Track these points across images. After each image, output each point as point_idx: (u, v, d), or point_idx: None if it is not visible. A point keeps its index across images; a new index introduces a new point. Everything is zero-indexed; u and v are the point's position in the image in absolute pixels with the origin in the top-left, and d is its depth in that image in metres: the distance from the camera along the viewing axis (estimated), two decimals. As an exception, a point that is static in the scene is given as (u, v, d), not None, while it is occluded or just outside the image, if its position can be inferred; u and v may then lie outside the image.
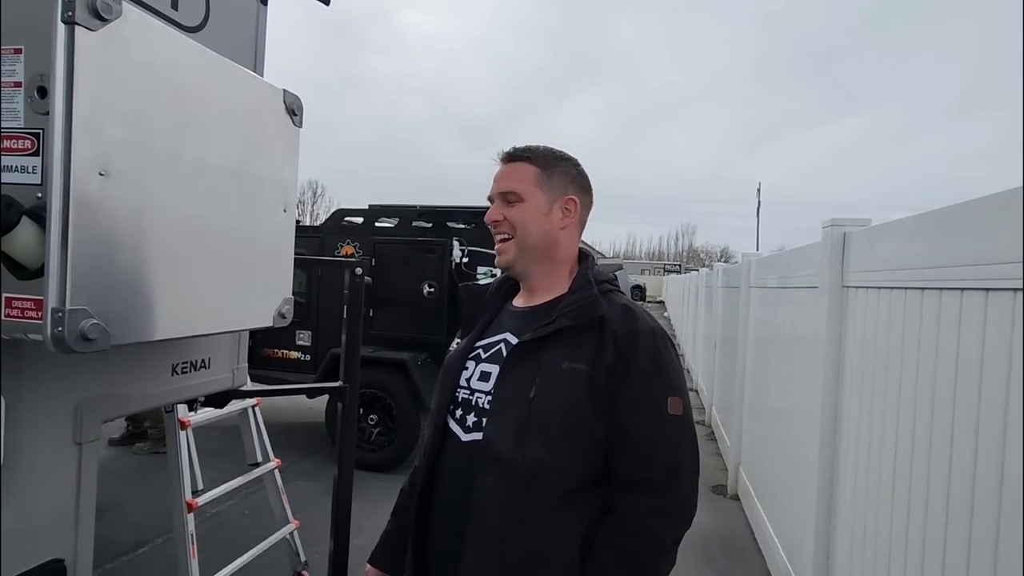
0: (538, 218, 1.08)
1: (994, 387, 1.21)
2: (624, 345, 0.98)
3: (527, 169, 1.09)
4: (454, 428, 1.06)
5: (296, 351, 4.92)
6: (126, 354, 1.25)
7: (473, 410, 1.04)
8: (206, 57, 1.15)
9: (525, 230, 1.07)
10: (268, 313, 1.41)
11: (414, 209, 5.02)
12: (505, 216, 1.08)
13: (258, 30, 1.64)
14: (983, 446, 1.24)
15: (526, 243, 1.08)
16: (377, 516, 3.60)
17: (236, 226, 1.27)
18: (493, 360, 1.07)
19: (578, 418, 0.96)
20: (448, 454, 1.05)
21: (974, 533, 1.25)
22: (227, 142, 1.22)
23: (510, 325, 1.12)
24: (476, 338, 1.15)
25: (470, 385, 1.07)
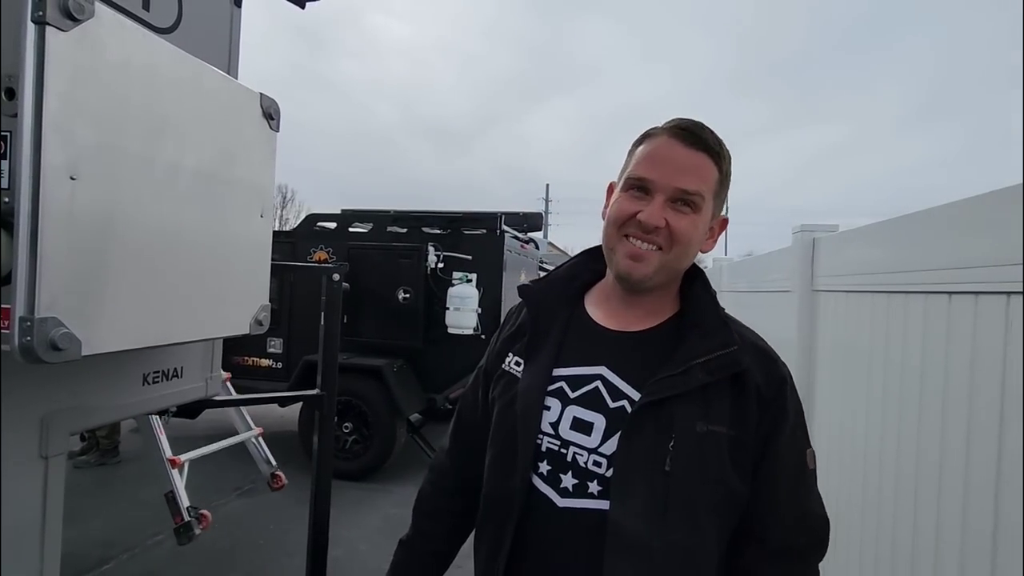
0: (701, 238, 0.85)
1: (959, 387, 1.25)
2: (769, 398, 0.80)
3: (711, 170, 0.82)
4: (543, 489, 0.83)
5: (267, 359, 4.82)
6: (94, 364, 1.21)
7: (571, 469, 0.81)
8: (180, 59, 1.13)
9: (685, 252, 0.83)
10: (244, 320, 1.39)
11: (388, 214, 4.98)
12: (670, 223, 0.80)
13: (232, 32, 1.61)
14: (949, 445, 1.28)
15: (676, 265, 0.84)
16: (353, 527, 3.59)
17: (211, 231, 1.24)
18: (591, 405, 0.83)
19: (727, 491, 0.79)
20: (538, 522, 0.83)
21: (941, 529, 1.28)
22: (202, 146, 1.19)
23: (607, 355, 0.85)
24: (551, 363, 0.87)
25: (559, 434, 0.83)
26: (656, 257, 0.81)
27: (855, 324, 1.84)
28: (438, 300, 4.45)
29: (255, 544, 3.31)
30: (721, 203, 0.87)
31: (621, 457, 0.78)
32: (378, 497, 4.09)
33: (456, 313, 4.33)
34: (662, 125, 0.86)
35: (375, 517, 3.76)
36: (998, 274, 1.14)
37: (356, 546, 3.35)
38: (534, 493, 0.83)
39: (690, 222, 0.81)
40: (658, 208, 0.80)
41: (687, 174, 0.80)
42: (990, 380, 1.13)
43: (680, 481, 0.76)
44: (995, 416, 1.11)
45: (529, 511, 0.83)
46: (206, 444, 3.27)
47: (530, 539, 0.83)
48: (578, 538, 0.79)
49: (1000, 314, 1.12)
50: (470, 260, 4.55)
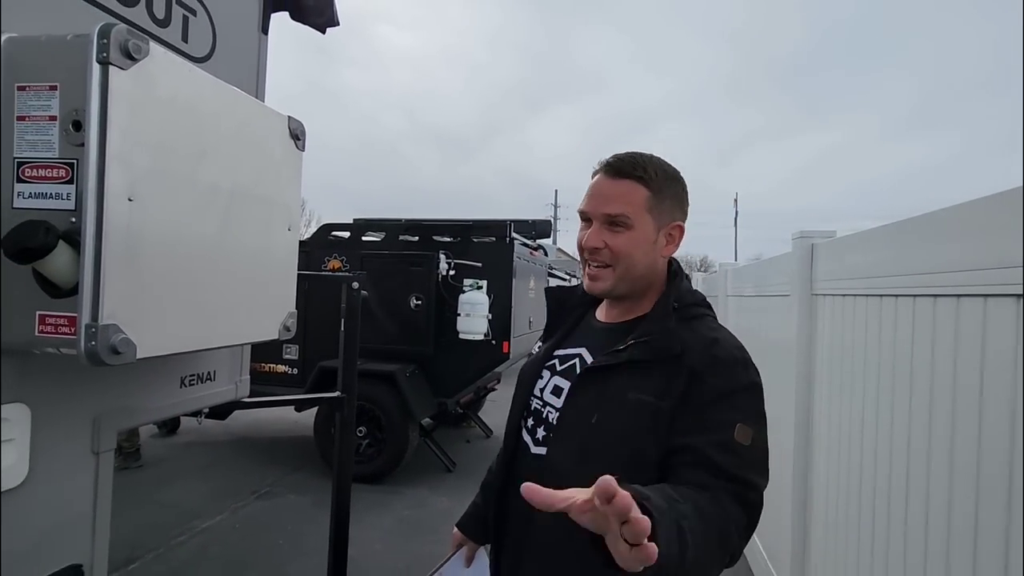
0: (645, 247, 1.00)
1: (958, 389, 1.26)
2: (701, 372, 0.90)
3: (637, 191, 0.98)
4: (525, 438, 1.08)
5: (283, 365, 4.94)
6: (140, 368, 1.31)
7: (543, 424, 1.04)
8: (219, 88, 1.24)
9: (630, 262, 0.99)
10: (274, 326, 1.49)
11: (400, 223, 5.11)
12: (607, 244, 0.98)
13: (260, 58, 1.73)
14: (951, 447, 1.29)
15: (629, 273, 1.00)
16: (367, 527, 3.69)
17: (246, 245, 1.35)
18: (566, 375, 1.06)
19: (636, 448, 0.91)
20: (520, 461, 1.08)
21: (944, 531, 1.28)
22: (238, 167, 1.30)
23: (589, 340, 1.09)
24: (555, 346, 1.14)
25: (543, 396, 1.08)
26: (608, 273, 1.01)
27: (852, 327, 1.91)
28: (449, 306, 4.56)
29: (274, 544, 3.42)
30: (667, 213, 1.02)
31: (564, 411, 1.00)
32: (391, 499, 4.18)
33: (467, 319, 4.43)
34: (603, 161, 1.03)
35: (389, 518, 3.86)
36: (994, 277, 1.13)
37: (371, 546, 3.44)
38: (520, 441, 1.09)
39: (626, 239, 0.98)
40: (595, 233, 0.99)
41: (612, 201, 0.98)
42: (990, 382, 1.13)
43: (602, 433, 0.93)
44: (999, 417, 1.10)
45: (515, 454, 1.09)
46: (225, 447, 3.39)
47: (513, 475, 1.07)
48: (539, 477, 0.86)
49: (999, 317, 1.11)
50: (480, 267, 4.66)
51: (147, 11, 1.34)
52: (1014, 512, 1.05)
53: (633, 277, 1.01)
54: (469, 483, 4.48)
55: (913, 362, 1.48)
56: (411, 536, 3.60)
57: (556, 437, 1.00)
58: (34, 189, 1.03)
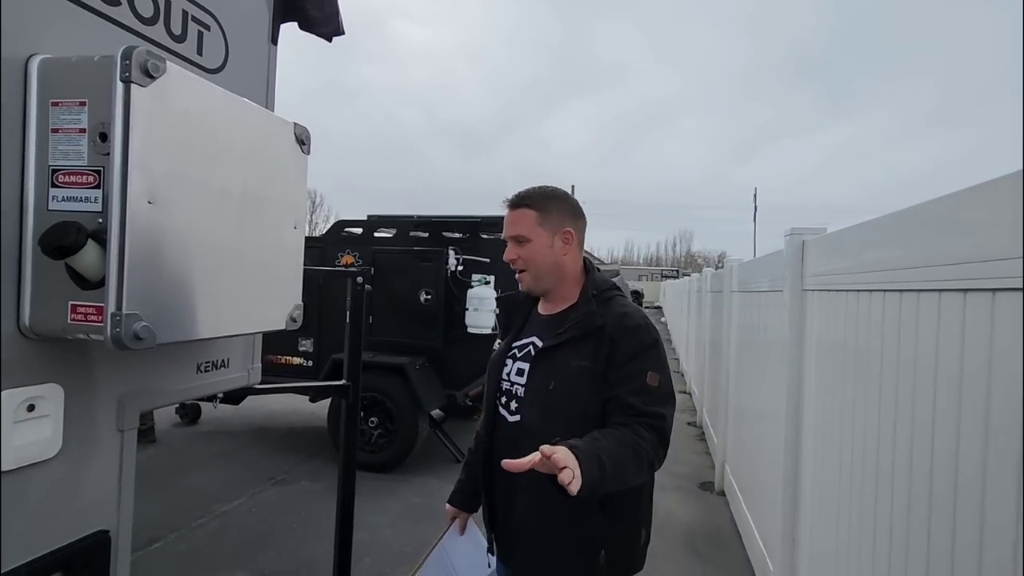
0: (544, 252, 1.37)
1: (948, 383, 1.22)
2: (616, 339, 1.28)
3: (528, 214, 1.37)
4: (502, 412, 1.41)
5: (299, 357, 5.11)
6: (160, 353, 1.45)
7: (514, 399, 1.38)
8: (230, 100, 1.36)
9: (536, 264, 1.38)
10: (281, 317, 1.61)
11: (411, 219, 5.23)
12: (519, 255, 1.38)
13: (269, 67, 1.85)
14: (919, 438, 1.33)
15: (539, 273, 1.39)
16: (378, 513, 3.84)
17: (255, 242, 1.47)
18: (525, 359, 1.40)
19: (582, 400, 1.29)
20: (500, 432, 1.40)
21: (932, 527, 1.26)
22: (248, 171, 1.42)
23: (537, 330, 1.43)
24: (513, 339, 1.47)
25: (510, 378, 1.41)
26: (526, 276, 1.40)
27: (843, 322, 1.96)
28: (458, 301, 4.67)
29: (289, 528, 3.58)
30: (556, 223, 1.38)
31: (528, 384, 1.36)
32: (400, 487, 4.32)
33: (475, 313, 4.54)
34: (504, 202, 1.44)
35: (398, 505, 4.00)
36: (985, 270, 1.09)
37: (380, 531, 3.59)
38: (498, 416, 1.42)
39: (529, 248, 1.37)
40: (510, 250, 1.40)
41: (512, 225, 1.39)
42: (980, 377, 1.11)
43: (558, 396, 1.29)
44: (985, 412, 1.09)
45: (495, 428, 1.42)
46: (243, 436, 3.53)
47: (496, 445, 1.40)
48: (517, 438, 1.32)
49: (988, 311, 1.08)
50: (488, 263, 4.76)
51: (165, 29, 1.46)
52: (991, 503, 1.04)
53: (543, 274, 1.38)
54: (477, 473, 4.60)
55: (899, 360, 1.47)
56: (419, 521, 3.73)
57: (525, 405, 1.35)
58: (66, 193, 1.16)
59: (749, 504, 3.54)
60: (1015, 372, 0.99)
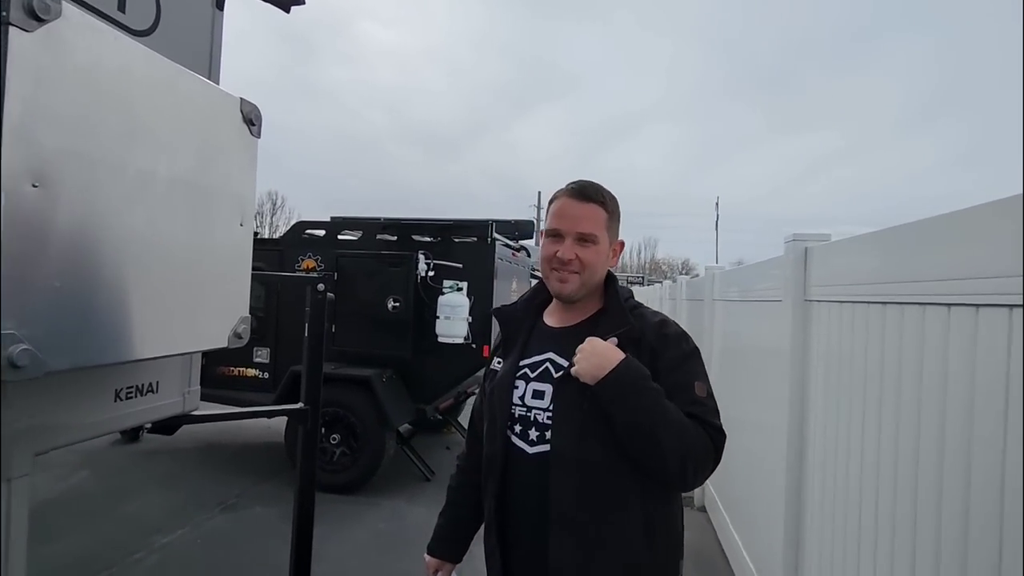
0: (603, 260, 1.22)
1: (959, 398, 1.22)
2: (658, 347, 1.15)
3: (600, 213, 1.21)
4: (518, 443, 1.19)
5: (254, 368, 4.74)
6: (62, 380, 1.15)
7: (534, 425, 1.18)
8: (155, 62, 1.08)
9: (593, 271, 1.20)
10: (222, 333, 1.33)
11: (378, 222, 4.94)
12: (579, 256, 1.19)
13: (213, 35, 1.57)
14: (949, 456, 1.25)
15: (591, 281, 1.21)
16: (340, 541, 3.52)
17: (188, 241, 1.19)
18: (542, 379, 1.20)
19: None
20: (516, 466, 1.18)
21: (943, 543, 1.25)
22: (178, 152, 1.15)
23: (553, 345, 1.23)
24: (519, 357, 1.26)
25: (525, 403, 1.20)
26: (576, 279, 1.20)
27: (851, 335, 1.81)
28: (428, 309, 4.40)
29: (238, 564, 3.22)
30: (615, 232, 1.25)
31: (556, 407, 1.15)
32: (366, 511, 4.00)
33: (446, 322, 4.28)
34: (563, 188, 1.22)
35: (363, 532, 3.68)
36: (998, 286, 1.12)
37: (344, 563, 3.27)
38: (512, 448, 1.19)
39: (592, 252, 1.19)
40: (569, 247, 1.18)
41: (583, 221, 1.19)
42: (989, 391, 1.11)
43: (594, 417, 1.10)
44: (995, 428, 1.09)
45: (509, 461, 1.19)
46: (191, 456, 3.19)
47: (511, 481, 1.18)
48: (543, 471, 1.13)
49: (1002, 326, 1.10)
50: (461, 268, 4.51)
51: (73, -27, 1.17)
52: (1008, 522, 1.03)
53: (592, 283, 1.23)
54: (447, 492, 4.32)
55: (914, 372, 1.39)
56: (386, 551, 3.43)
57: (556, 429, 1.14)
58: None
59: (735, 521, 3.39)
60: None
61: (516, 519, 1.18)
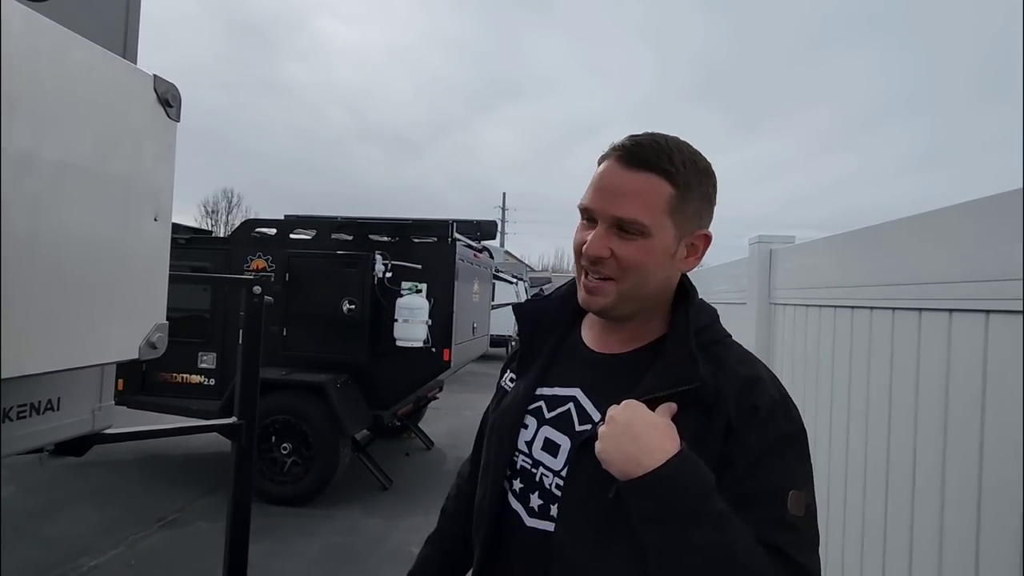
0: (661, 260, 0.78)
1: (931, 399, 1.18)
2: (741, 425, 0.72)
3: (661, 188, 0.75)
4: (515, 505, 0.84)
5: (198, 375, 4.47)
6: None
7: (538, 489, 0.82)
8: (37, 25, 0.92)
9: (643, 277, 0.77)
10: (133, 343, 1.17)
11: (334, 220, 4.73)
12: (615, 253, 0.76)
13: (129, 8, 1.39)
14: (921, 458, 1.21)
15: (637, 293, 0.79)
16: (291, 557, 3.32)
17: (86, 237, 1.03)
18: (560, 427, 0.82)
19: None
20: (510, 535, 0.84)
21: (915, 542, 1.21)
22: (71, 133, 0.98)
23: (583, 377, 0.84)
24: (537, 382, 0.87)
25: (532, 453, 0.83)
26: (611, 288, 0.78)
27: (815, 338, 1.77)
28: (386, 311, 4.23)
29: (176, 584, 2.99)
30: (693, 218, 0.79)
31: (570, 481, 0.78)
32: (318, 523, 3.81)
33: (405, 325, 4.12)
34: (616, 143, 0.80)
35: (314, 547, 3.49)
36: (964, 291, 1.09)
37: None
38: (507, 509, 0.85)
39: (638, 248, 0.76)
40: (600, 238, 0.77)
41: (625, 200, 0.75)
42: (962, 391, 1.09)
43: (624, 512, 0.69)
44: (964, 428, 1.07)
45: (502, 525, 0.85)
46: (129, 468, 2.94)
47: (500, 552, 0.84)
48: (539, 559, 0.78)
49: (975, 330, 1.06)
50: (420, 269, 4.35)
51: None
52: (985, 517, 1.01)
53: (642, 296, 0.79)
54: (407, 502, 4.16)
55: (884, 375, 1.35)
56: (338, 566, 3.26)
57: (564, 513, 0.77)
58: None
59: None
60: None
61: None
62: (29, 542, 3.34)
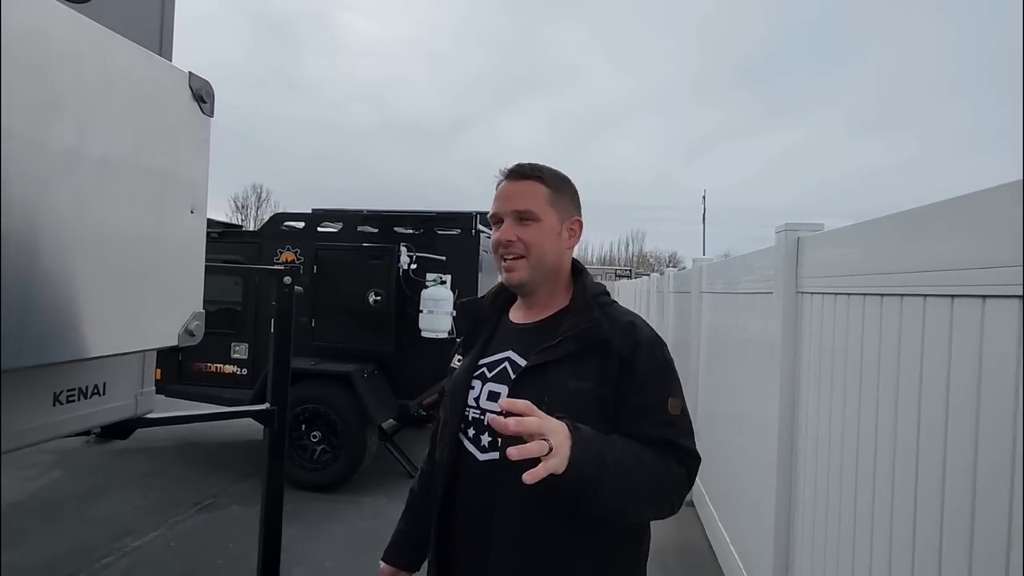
0: (552, 238, 1.10)
1: (962, 391, 1.16)
2: (628, 357, 1.02)
3: (539, 189, 1.10)
4: (469, 447, 1.09)
5: (231, 364, 4.60)
6: (-13, 384, 1.03)
7: (487, 430, 1.07)
8: (82, 26, 0.96)
9: (541, 251, 1.09)
10: (172, 330, 1.22)
11: (359, 213, 4.80)
12: (519, 237, 1.09)
13: (164, 8, 1.44)
14: (952, 451, 1.19)
15: (541, 264, 1.10)
16: (320, 542, 3.41)
17: (128, 230, 1.08)
18: (499, 380, 1.09)
19: None
20: (465, 472, 1.08)
21: (944, 538, 1.20)
22: (112, 129, 1.03)
23: (513, 343, 1.13)
24: (479, 356, 1.16)
25: (479, 405, 1.10)
26: (523, 264, 1.09)
27: (843, 327, 1.74)
28: (411, 302, 4.29)
29: (213, 564, 3.11)
30: (566, 209, 1.13)
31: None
32: (347, 510, 3.90)
33: (430, 316, 4.17)
34: (503, 169, 1.14)
35: (342, 532, 3.58)
36: (999, 276, 1.06)
37: (320, 563, 3.17)
38: (463, 452, 1.09)
39: (534, 230, 1.09)
40: (507, 228, 1.09)
41: (519, 199, 1.09)
42: (993, 383, 1.07)
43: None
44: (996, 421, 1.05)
45: (457, 466, 1.09)
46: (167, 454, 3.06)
47: (459, 487, 1.08)
48: (492, 482, 1.02)
49: (1007, 317, 1.04)
50: (444, 261, 4.40)
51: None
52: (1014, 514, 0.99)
53: (545, 267, 1.11)
54: (432, 489, 4.22)
55: (914, 365, 1.32)
56: (365, 551, 3.33)
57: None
58: None
59: (723, 516, 3.34)
60: None
61: (459, 531, 1.08)
62: (76, 524, 3.50)
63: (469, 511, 1.06)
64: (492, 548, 1.01)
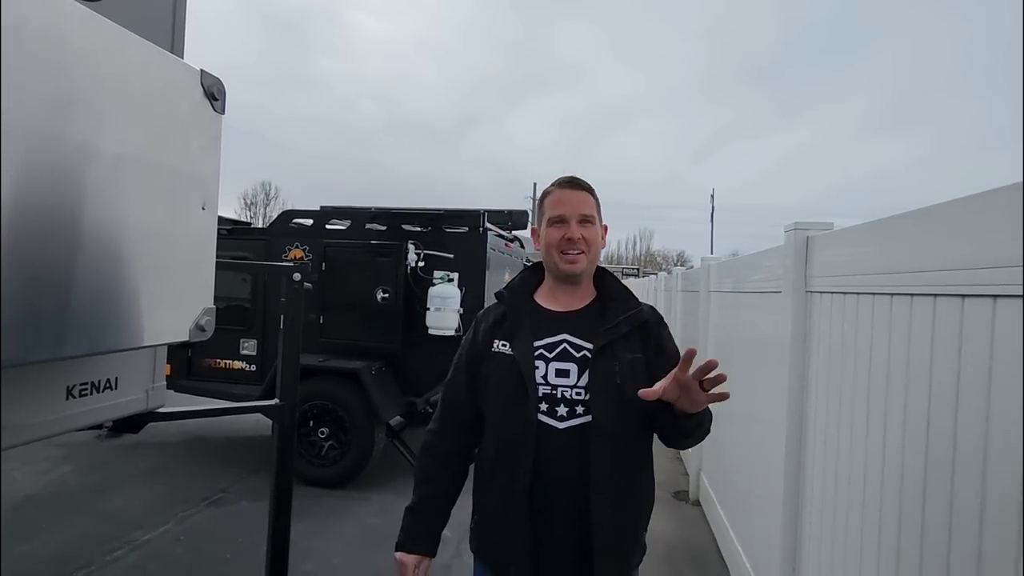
0: (599, 240, 1.38)
1: (971, 391, 1.15)
2: (654, 330, 1.36)
3: (591, 199, 1.37)
4: (547, 420, 1.26)
5: (240, 361, 4.64)
6: (4, 378, 1.05)
7: (562, 402, 1.27)
8: (96, 24, 0.97)
9: (596, 249, 1.37)
10: (184, 326, 1.23)
11: (368, 211, 4.82)
12: (583, 236, 1.33)
13: (176, 7, 1.45)
14: (961, 451, 1.18)
15: (594, 259, 1.37)
16: (328, 537, 3.43)
17: (140, 225, 1.09)
18: (563, 359, 1.30)
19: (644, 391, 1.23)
20: (547, 441, 1.25)
21: (953, 539, 1.19)
22: (127, 126, 1.04)
23: (565, 327, 1.34)
24: (532, 338, 1.33)
25: (549, 381, 1.28)
26: (583, 258, 1.34)
27: (853, 327, 1.73)
28: (418, 300, 4.30)
29: (221, 559, 3.14)
30: (601, 215, 1.40)
31: (592, 384, 1.27)
32: (355, 506, 3.93)
33: (437, 314, 4.18)
34: (554, 182, 1.39)
35: (351, 527, 3.60)
36: (1008, 276, 1.05)
37: (330, 559, 3.19)
38: (541, 426, 1.26)
39: (594, 232, 1.36)
40: (576, 228, 1.33)
41: (583, 205, 1.34)
42: (1004, 384, 1.06)
43: (625, 390, 1.25)
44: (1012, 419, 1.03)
45: (538, 437, 1.25)
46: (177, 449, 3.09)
47: (542, 458, 1.25)
48: (574, 445, 1.25)
49: (1015, 317, 1.04)
50: (452, 259, 4.40)
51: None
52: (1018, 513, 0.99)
53: (594, 261, 1.38)
54: (438, 486, 4.23)
55: (923, 365, 1.31)
56: (375, 546, 3.35)
57: (596, 404, 1.25)
58: None
59: (730, 516, 3.32)
60: None
61: (548, 492, 1.25)
62: (87, 517, 3.55)
63: (562, 467, 1.25)
64: (591, 494, 1.23)
